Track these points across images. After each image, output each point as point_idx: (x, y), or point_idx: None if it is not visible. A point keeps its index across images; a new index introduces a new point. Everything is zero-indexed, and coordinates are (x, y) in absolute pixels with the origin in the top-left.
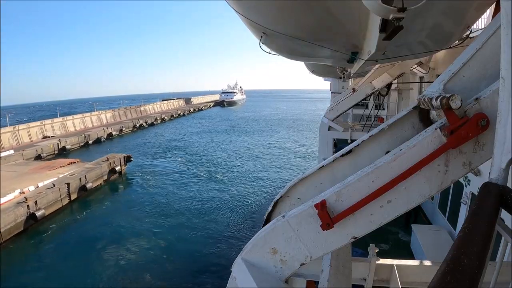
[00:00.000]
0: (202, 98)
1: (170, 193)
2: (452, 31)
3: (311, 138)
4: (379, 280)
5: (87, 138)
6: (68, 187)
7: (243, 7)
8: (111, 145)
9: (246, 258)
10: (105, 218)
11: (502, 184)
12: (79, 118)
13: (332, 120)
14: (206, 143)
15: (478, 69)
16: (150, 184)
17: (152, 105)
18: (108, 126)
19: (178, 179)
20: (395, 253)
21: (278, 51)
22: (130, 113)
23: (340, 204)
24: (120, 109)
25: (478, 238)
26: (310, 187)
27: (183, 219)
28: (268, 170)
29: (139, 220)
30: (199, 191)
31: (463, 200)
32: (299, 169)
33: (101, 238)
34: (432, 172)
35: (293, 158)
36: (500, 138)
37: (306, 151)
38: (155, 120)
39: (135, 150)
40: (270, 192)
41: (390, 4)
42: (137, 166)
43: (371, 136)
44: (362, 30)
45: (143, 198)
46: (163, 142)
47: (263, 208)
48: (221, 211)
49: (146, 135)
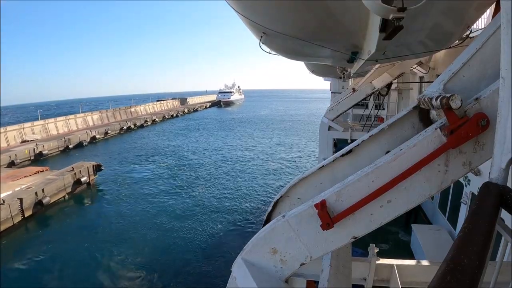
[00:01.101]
0: (199, 98)
1: (148, 204)
2: (452, 31)
3: (306, 145)
4: (379, 280)
5: (68, 142)
6: (21, 203)
7: (243, 7)
8: (94, 149)
9: (246, 258)
10: (60, 239)
11: (502, 184)
12: (62, 120)
13: (332, 120)
14: (192, 147)
15: (478, 69)
16: (123, 196)
17: (144, 106)
18: (94, 128)
19: (157, 187)
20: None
21: (278, 51)
22: (119, 114)
23: (340, 204)
24: (109, 110)
25: (478, 238)
26: (310, 187)
27: (163, 231)
28: (251, 179)
29: (104, 242)
30: (182, 200)
31: (463, 200)
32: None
33: (49, 269)
34: (432, 172)
35: (280, 171)
36: (500, 138)
37: (297, 166)
38: (145, 122)
39: (118, 155)
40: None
41: (390, 4)
42: (112, 174)
43: (371, 136)
44: (362, 30)
45: (112, 214)
46: (148, 146)
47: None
48: (207, 219)
49: (134, 138)
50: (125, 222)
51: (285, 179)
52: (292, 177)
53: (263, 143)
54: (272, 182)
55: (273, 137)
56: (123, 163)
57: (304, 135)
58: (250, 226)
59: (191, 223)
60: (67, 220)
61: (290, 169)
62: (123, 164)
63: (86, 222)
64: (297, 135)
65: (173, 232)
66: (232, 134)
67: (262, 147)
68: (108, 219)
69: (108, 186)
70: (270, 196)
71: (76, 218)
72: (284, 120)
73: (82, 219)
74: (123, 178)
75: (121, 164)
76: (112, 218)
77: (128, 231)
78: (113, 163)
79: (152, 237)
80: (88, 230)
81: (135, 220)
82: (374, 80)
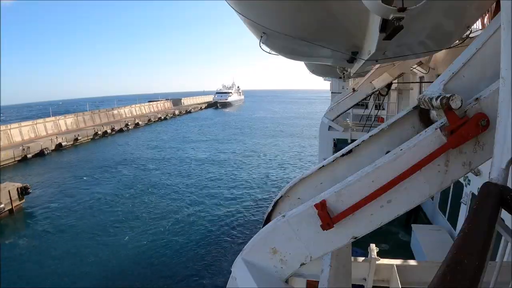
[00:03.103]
0: (195, 99)
1: (99, 233)
2: (452, 31)
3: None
4: (379, 280)
5: (26, 151)
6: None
7: (243, 7)
8: (56, 159)
9: (246, 258)
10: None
11: (502, 184)
12: (28, 125)
13: (332, 120)
14: (167, 157)
15: (478, 69)
16: (63, 226)
17: (130, 107)
18: (67, 133)
19: (115, 208)
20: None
21: (278, 51)
22: (99, 117)
23: (340, 204)
24: (86, 113)
25: (478, 238)
26: (310, 187)
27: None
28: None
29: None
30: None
31: (463, 200)
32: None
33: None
34: (432, 172)
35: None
36: (500, 138)
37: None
38: (125, 125)
39: (76, 167)
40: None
41: (390, 4)
42: (52, 196)
43: (371, 136)
44: (362, 30)
45: (43, 254)
46: (118, 155)
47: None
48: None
49: (108, 145)
50: (64, 261)
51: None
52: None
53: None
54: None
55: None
56: (76, 179)
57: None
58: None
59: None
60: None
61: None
62: (75, 182)
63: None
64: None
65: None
66: (217, 143)
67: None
68: (37, 261)
69: (42, 214)
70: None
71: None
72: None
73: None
74: (67, 200)
75: (76, 179)
76: (44, 260)
77: (72, 271)
78: (63, 178)
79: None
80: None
81: (82, 255)
82: (374, 80)
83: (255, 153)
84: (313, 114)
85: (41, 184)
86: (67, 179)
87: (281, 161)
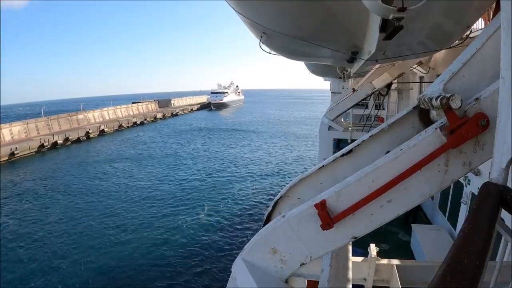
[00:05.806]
0: (187, 99)
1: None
2: (452, 31)
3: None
4: (379, 280)
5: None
6: None
7: (243, 7)
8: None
9: (246, 258)
10: None
11: (502, 184)
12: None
13: (332, 120)
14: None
15: (478, 69)
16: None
17: (100, 111)
18: (10, 145)
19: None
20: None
21: (278, 51)
22: (58, 123)
23: (340, 204)
24: (39, 120)
25: (478, 238)
26: (310, 187)
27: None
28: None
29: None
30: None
31: (463, 200)
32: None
33: None
34: (432, 172)
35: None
36: (500, 138)
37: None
38: (85, 134)
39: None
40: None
41: (390, 4)
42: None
43: (371, 136)
44: (362, 30)
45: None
46: (55, 174)
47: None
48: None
49: (51, 160)
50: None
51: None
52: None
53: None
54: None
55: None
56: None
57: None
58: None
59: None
60: None
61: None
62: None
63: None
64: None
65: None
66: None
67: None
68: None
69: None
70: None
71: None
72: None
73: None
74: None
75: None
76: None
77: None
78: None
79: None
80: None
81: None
82: (374, 80)
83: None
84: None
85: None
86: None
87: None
